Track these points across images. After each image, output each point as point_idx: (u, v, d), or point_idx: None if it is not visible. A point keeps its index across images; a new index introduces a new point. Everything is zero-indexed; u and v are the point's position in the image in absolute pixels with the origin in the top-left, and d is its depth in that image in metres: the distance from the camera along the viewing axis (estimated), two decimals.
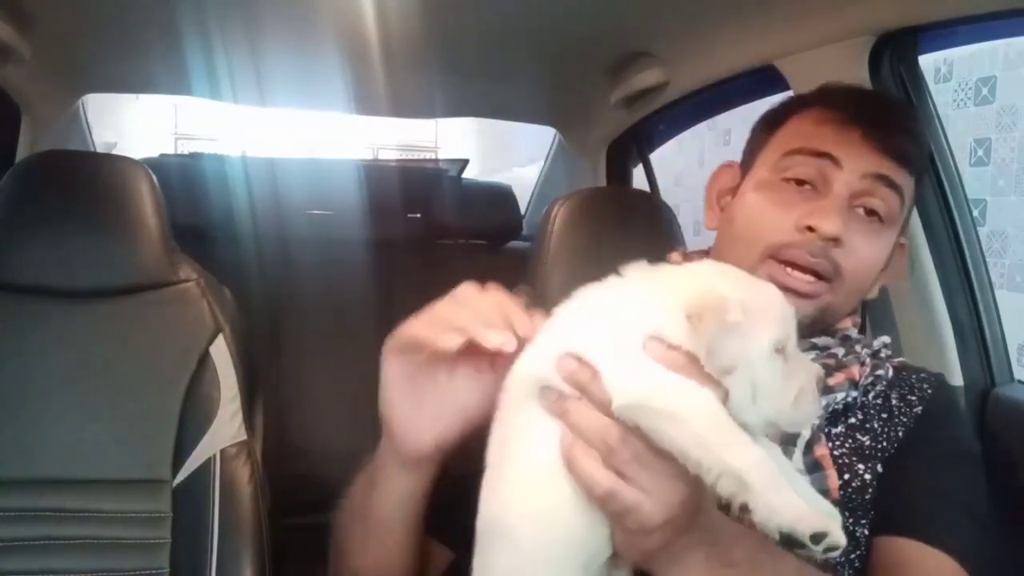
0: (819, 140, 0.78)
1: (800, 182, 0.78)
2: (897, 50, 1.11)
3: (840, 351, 0.82)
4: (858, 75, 1.10)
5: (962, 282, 1.12)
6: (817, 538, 0.50)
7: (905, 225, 0.84)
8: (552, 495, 0.56)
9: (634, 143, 2.06)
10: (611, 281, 0.61)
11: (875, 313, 1.18)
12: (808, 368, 0.58)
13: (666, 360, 0.54)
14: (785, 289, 0.75)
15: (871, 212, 0.78)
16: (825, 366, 0.78)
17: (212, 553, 1.05)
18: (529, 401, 0.58)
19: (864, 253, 0.77)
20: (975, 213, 1.21)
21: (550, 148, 2.40)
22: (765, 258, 0.77)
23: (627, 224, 1.15)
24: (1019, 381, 1.15)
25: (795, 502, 0.51)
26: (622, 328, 0.56)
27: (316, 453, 1.78)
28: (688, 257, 0.89)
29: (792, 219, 0.77)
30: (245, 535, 1.07)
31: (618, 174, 2.11)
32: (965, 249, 1.13)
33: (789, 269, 0.76)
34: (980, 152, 3.51)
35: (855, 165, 0.76)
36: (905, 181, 0.78)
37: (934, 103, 1.16)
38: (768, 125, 0.86)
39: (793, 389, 0.56)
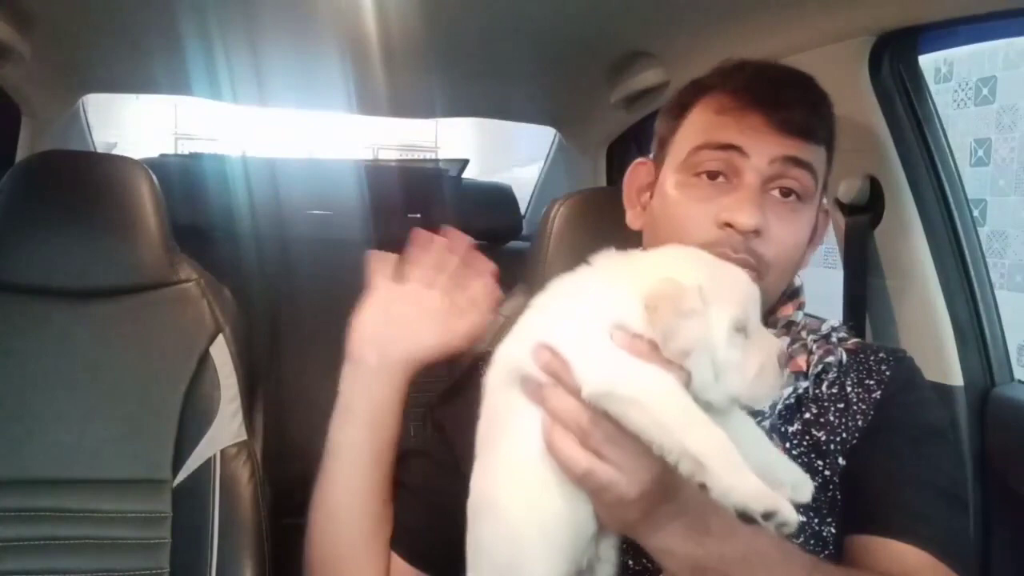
0: (722, 131, 0.78)
1: (712, 175, 0.79)
2: (897, 50, 1.11)
3: (785, 341, 0.81)
4: (858, 75, 1.10)
5: (962, 282, 1.12)
6: (767, 516, 0.53)
7: (824, 192, 0.84)
8: (537, 476, 0.61)
9: (634, 143, 2.06)
10: (582, 270, 0.66)
11: (875, 313, 1.19)
12: (769, 343, 0.61)
13: (630, 348, 0.58)
14: None
15: (787, 192, 0.78)
16: None
17: (212, 553, 1.05)
18: (511, 387, 0.63)
19: (785, 236, 0.78)
20: (975, 213, 1.21)
21: (550, 148, 2.40)
22: None
23: (627, 224, 1.15)
24: (1019, 381, 1.15)
25: (749, 481, 0.54)
26: (590, 318, 0.60)
27: (316, 453, 1.77)
28: None
29: (711, 215, 0.77)
30: (245, 535, 1.08)
31: (618, 174, 2.10)
32: (965, 249, 1.13)
33: None
34: (980, 152, 3.51)
35: (761, 151, 0.76)
36: (814, 155, 0.79)
37: (934, 103, 1.16)
38: (672, 115, 0.86)
39: (754, 365, 0.60)
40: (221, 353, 1.16)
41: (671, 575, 0.64)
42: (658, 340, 0.57)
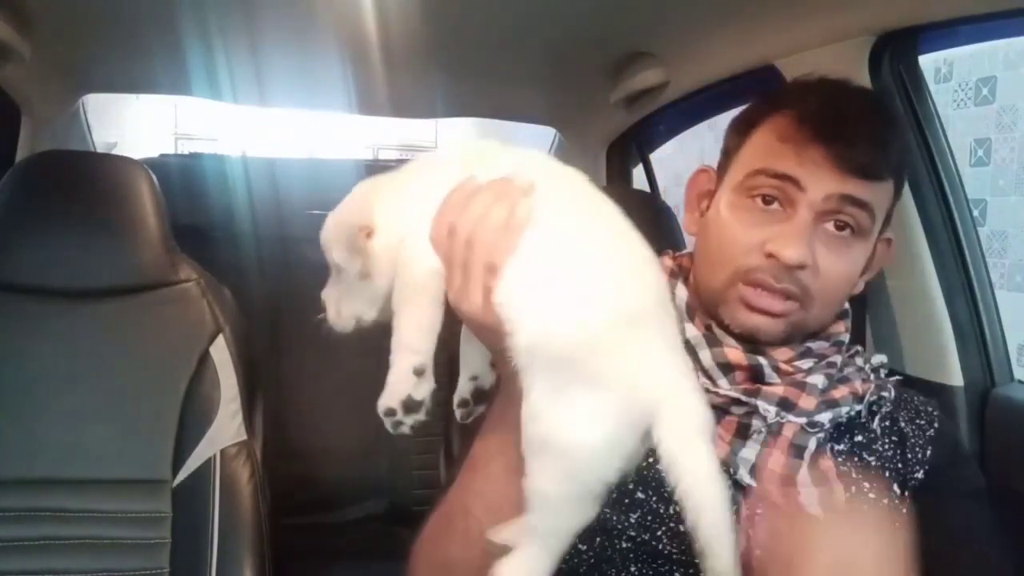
0: (781, 160, 0.76)
1: (768, 199, 0.77)
2: (897, 50, 1.11)
3: (837, 359, 0.81)
4: (858, 75, 1.10)
5: (962, 282, 1.12)
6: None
7: (887, 222, 0.82)
8: None
9: (634, 143, 2.06)
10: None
11: (875, 313, 1.18)
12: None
13: None
14: (756, 310, 0.76)
15: (841, 226, 0.77)
16: (827, 376, 0.78)
17: (212, 553, 1.05)
18: None
19: (833, 271, 0.77)
20: (975, 213, 1.21)
21: (550, 148, 2.40)
22: (735, 281, 0.77)
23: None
24: (1019, 381, 1.15)
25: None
26: None
27: (316, 453, 1.78)
28: (677, 259, 0.89)
29: (758, 242, 0.76)
30: (245, 535, 1.08)
31: (618, 174, 2.10)
32: (965, 249, 1.13)
33: (759, 290, 0.76)
34: (980, 152, 3.51)
35: (818, 186, 0.75)
36: (874, 193, 0.76)
37: (934, 103, 1.16)
38: (740, 129, 0.84)
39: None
40: (221, 353, 1.16)
41: None
42: None
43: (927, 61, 1.15)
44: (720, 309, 0.79)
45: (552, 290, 0.56)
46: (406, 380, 0.62)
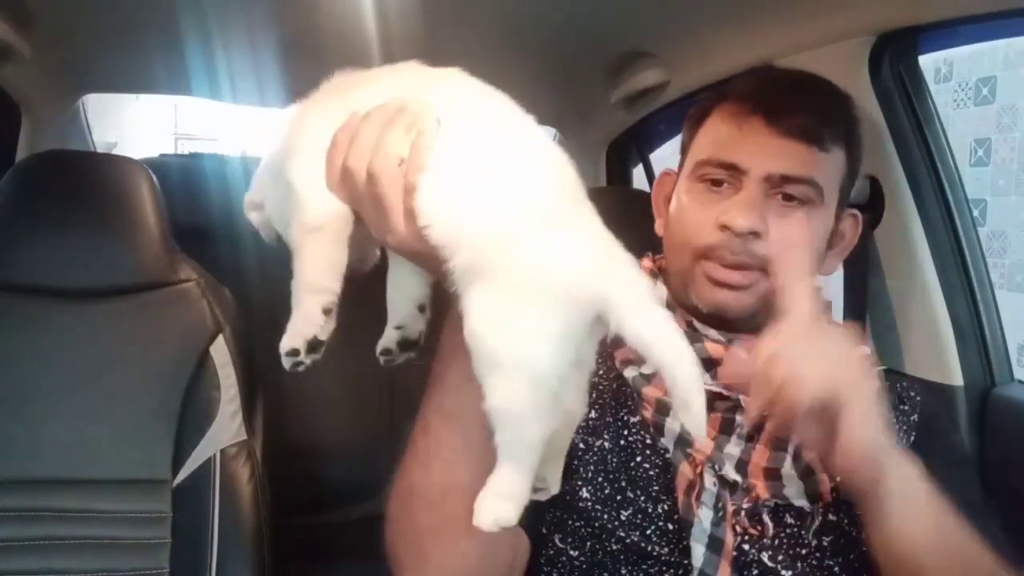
0: (725, 147, 0.79)
1: (716, 182, 0.80)
2: (897, 50, 1.11)
3: None
4: (858, 75, 1.10)
5: (962, 282, 1.12)
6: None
7: (846, 196, 0.83)
8: None
9: (634, 143, 2.06)
10: None
11: (875, 313, 1.18)
12: None
13: None
14: (719, 284, 0.78)
15: (790, 197, 0.78)
16: None
17: (212, 553, 1.06)
18: None
19: (790, 237, 0.77)
20: (975, 213, 1.21)
21: None
22: (696, 259, 0.79)
23: (627, 224, 1.14)
24: (1019, 381, 1.15)
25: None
26: None
27: (316, 453, 1.78)
28: (657, 261, 0.90)
29: (712, 219, 0.78)
30: (245, 535, 1.08)
31: (618, 174, 2.10)
32: (965, 249, 1.13)
33: (719, 266, 0.78)
34: (980, 152, 3.52)
35: (760, 167, 0.77)
36: (817, 166, 0.78)
37: (934, 103, 1.16)
38: (692, 123, 0.87)
39: None
40: (221, 353, 1.16)
41: None
42: None
43: (927, 61, 1.15)
44: (689, 291, 0.80)
45: (473, 206, 0.54)
46: (314, 320, 0.61)
